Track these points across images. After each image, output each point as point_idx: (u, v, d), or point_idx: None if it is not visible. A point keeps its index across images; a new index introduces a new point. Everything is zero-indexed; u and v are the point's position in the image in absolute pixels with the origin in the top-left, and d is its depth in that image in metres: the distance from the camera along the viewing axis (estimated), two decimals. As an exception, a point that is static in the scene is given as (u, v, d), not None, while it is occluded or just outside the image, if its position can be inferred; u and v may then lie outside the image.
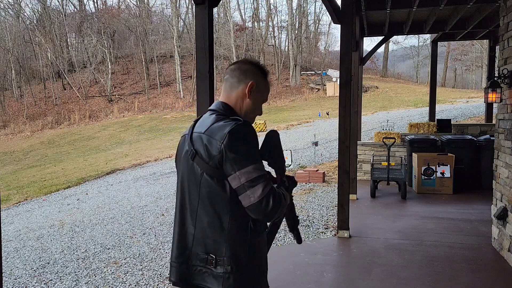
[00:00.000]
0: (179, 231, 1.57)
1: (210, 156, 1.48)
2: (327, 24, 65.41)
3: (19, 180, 15.59)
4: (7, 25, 39.38)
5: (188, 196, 1.57)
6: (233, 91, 1.65)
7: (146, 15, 42.20)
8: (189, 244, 1.54)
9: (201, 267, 1.51)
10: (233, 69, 1.66)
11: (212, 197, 1.50)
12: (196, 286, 1.53)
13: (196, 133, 1.57)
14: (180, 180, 1.63)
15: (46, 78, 38.92)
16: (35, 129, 31.45)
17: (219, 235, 1.49)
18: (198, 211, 1.52)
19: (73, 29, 43.48)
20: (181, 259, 1.55)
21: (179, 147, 1.71)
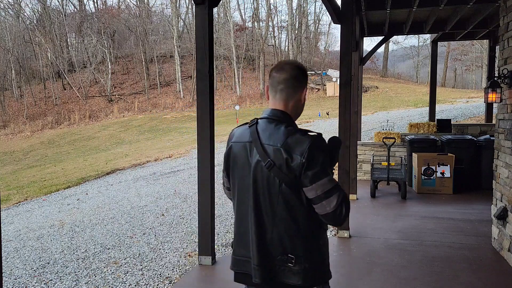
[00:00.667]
0: (258, 236, 1.69)
1: (290, 169, 1.60)
2: (327, 24, 65.45)
3: (19, 180, 15.59)
4: (7, 25, 39.38)
5: (264, 203, 1.68)
6: (290, 100, 1.75)
7: (146, 15, 42.19)
8: (269, 247, 1.68)
9: (281, 266, 1.66)
10: (286, 78, 1.72)
11: (289, 205, 1.64)
12: (278, 283, 1.68)
13: (269, 145, 1.64)
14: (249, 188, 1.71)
15: (46, 78, 38.93)
16: (35, 129, 31.45)
17: (296, 238, 1.65)
18: (276, 217, 1.66)
19: (73, 29, 43.48)
20: (263, 261, 1.68)
21: (236, 153, 1.78)
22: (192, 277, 4.05)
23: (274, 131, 1.67)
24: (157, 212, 6.97)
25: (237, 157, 1.78)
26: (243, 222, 1.77)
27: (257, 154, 1.67)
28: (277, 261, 1.67)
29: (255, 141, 1.68)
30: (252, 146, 1.70)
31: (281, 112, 1.73)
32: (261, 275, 1.69)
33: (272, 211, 1.67)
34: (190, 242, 5.23)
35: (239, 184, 1.78)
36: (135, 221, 6.52)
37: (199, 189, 4.20)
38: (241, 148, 1.75)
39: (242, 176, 1.76)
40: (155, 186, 9.71)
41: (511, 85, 4.14)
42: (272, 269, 1.68)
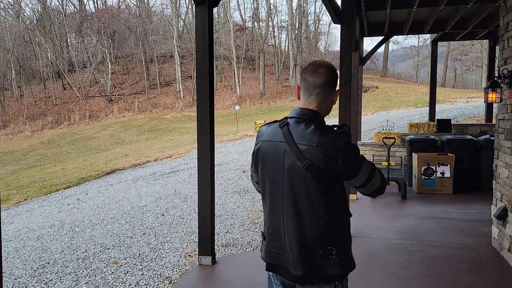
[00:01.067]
0: (298, 232, 1.76)
1: (329, 167, 1.68)
2: (327, 24, 65.43)
3: (19, 180, 15.59)
4: (7, 25, 39.38)
5: (302, 201, 1.75)
6: (324, 102, 1.82)
7: (146, 15, 42.20)
8: (309, 242, 1.75)
9: (323, 259, 1.74)
10: (323, 83, 1.79)
11: (327, 202, 1.73)
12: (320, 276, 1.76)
13: (303, 145, 1.71)
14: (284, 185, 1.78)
15: (46, 78, 38.93)
16: (35, 129, 31.45)
17: (334, 231, 1.75)
18: (316, 214, 1.73)
19: (73, 29, 43.48)
20: (305, 255, 1.75)
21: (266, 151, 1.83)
22: (192, 277, 4.05)
23: (305, 131, 1.73)
24: (157, 212, 6.97)
25: (268, 155, 1.83)
26: (276, 217, 1.83)
27: (293, 155, 1.72)
28: (319, 255, 1.74)
29: (289, 142, 1.74)
30: (286, 146, 1.75)
31: (312, 112, 1.79)
32: (302, 268, 1.75)
33: (311, 208, 1.74)
34: (190, 242, 5.24)
35: (271, 182, 1.83)
36: (135, 221, 6.52)
37: (199, 189, 4.20)
38: (273, 147, 1.81)
39: (275, 175, 1.81)
40: (155, 186, 9.71)
41: (511, 85, 4.14)
42: (313, 263, 1.75)
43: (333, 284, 1.79)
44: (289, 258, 1.78)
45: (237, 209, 6.74)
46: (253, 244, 5.01)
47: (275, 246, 1.84)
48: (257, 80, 38.11)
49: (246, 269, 4.13)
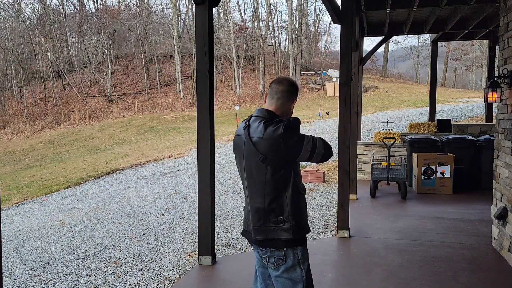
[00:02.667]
0: (254, 208, 2.19)
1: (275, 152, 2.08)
2: (327, 24, 65.47)
3: (19, 180, 15.59)
4: (7, 25, 39.37)
5: (255, 183, 2.18)
6: (282, 107, 2.25)
7: (146, 15, 42.19)
8: (263, 211, 2.16)
9: (274, 226, 2.15)
10: (284, 90, 2.24)
11: (275, 182, 2.12)
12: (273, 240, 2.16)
13: (256, 137, 2.13)
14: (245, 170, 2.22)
15: (46, 78, 38.93)
16: (35, 129, 31.45)
17: (283, 203, 2.14)
18: (267, 193, 2.14)
19: (73, 29, 43.47)
20: (260, 225, 2.17)
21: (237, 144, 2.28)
22: (192, 277, 4.05)
23: (258, 126, 2.14)
24: (157, 212, 6.97)
25: (236, 147, 2.29)
26: (245, 195, 2.30)
27: (248, 146, 2.16)
28: (272, 224, 2.15)
29: (246, 136, 2.17)
30: (245, 139, 2.18)
31: (268, 112, 2.21)
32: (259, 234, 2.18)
33: (262, 188, 2.15)
34: (190, 242, 5.23)
35: (240, 167, 2.30)
36: (135, 221, 6.52)
37: (199, 189, 4.20)
38: (239, 140, 2.26)
39: (240, 162, 2.27)
40: (155, 186, 9.71)
41: (511, 85, 4.14)
42: (267, 230, 2.16)
43: (283, 250, 2.16)
44: (251, 226, 2.22)
45: (237, 209, 6.74)
46: (253, 244, 5.02)
47: (245, 216, 2.32)
48: (257, 80, 38.10)
49: (246, 269, 4.13)
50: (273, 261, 2.18)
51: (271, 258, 2.18)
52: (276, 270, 2.19)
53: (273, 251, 2.17)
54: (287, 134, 2.06)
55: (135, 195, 8.87)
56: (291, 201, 2.16)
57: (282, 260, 2.17)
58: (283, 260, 2.16)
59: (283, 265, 2.17)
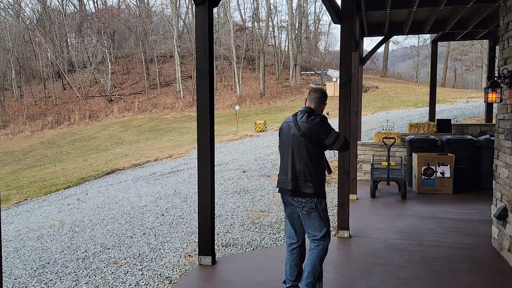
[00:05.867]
0: (292, 167, 3.24)
1: (311, 133, 3.19)
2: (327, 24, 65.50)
3: (19, 180, 15.59)
4: (7, 25, 39.37)
5: (296, 151, 3.24)
6: (317, 108, 3.37)
7: (146, 15, 42.19)
8: (297, 172, 3.23)
9: (303, 182, 3.21)
10: (318, 97, 3.38)
11: (309, 153, 3.21)
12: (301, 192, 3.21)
13: (301, 122, 3.24)
14: (289, 145, 3.28)
15: (46, 78, 38.92)
16: (35, 129, 31.45)
17: (311, 168, 3.21)
18: (301, 158, 3.22)
19: (73, 29, 43.48)
20: (294, 179, 3.23)
21: (284, 128, 3.37)
22: (192, 277, 4.05)
23: (303, 116, 3.28)
24: (157, 212, 6.97)
25: (284, 129, 3.37)
26: (283, 161, 3.34)
27: (294, 127, 3.26)
28: (301, 181, 3.22)
29: (294, 121, 3.29)
30: (292, 124, 3.29)
31: (310, 108, 3.34)
32: (292, 186, 3.24)
33: (300, 156, 3.23)
34: (190, 242, 5.23)
35: (284, 143, 3.35)
36: (135, 221, 6.52)
37: (199, 189, 4.20)
38: (286, 124, 3.37)
39: (286, 139, 3.33)
40: (155, 186, 9.71)
41: (511, 85, 4.14)
42: (298, 185, 3.22)
43: (304, 201, 3.22)
44: (287, 182, 3.28)
45: (237, 209, 6.74)
46: (253, 244, 5.01)
47: (283, 178, 3.33)
48: (257, 80, 38.10)
49: (246, 269, 4.13)
50: (305, 209, 3.21)
51: (304, 206, 3.21)
52: (307, 215, 3.23)
53: (306, 201, 3.19)
54: (321, 122, 3.19)
55: (135, 195, 8.87)
56: (316, 169, 3.21)
57: (312, 209, 3.21)
58: (313, 208, 3.21)
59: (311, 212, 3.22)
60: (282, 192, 3.34)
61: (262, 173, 9.95)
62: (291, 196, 3.24)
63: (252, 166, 10.87)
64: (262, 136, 18.32)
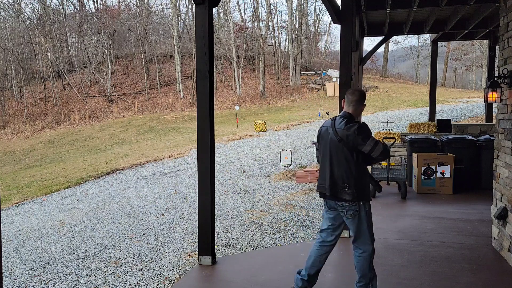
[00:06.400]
0: (330, 172, 3.26)
1: (349, 140, 3.17)
2: (327, 24, 65.47)
3: (19, 180, 15.59)
4: (7, 25, 39.36)
5: (334, 157, 3.25)
6: (356, 111, 3.34)
7: (146, 15, 42.19)
8: (335, 178, 3.24)
9: (341, 188, 3.22)
10: (356, 100, 3.31)
11: (347, 159, 3.20)
12: (339, 198, 3.23)
13: (339, 129, 3.22)
14: (328, 150, 3.29)
15: (46, 78, 38.92)
16: (35, 129, 31.45)
17: (350, 174, 3.20)
18: (339, 164, 3.23)
19: (73, 29, 43.47)
20: (332, 184, 3.25)
21: (323, 133, 3.39)
22: (192, 277, 4.05)
23: (341, 122, 3.25)
24: (157, 212, 6.97)
25: (323, 135, 3.39)
26: (323, 167, 3.37)
27: (333, 133, 3.25)
28: (339, 187, 3.22)
29: (333, 127, 3.28)
30: (330, 130, 3.29)
31: (348, 113, 3.32)
32: (331, 191, 3.26)
33: (338, 161, 3.24)
34: (190, 242, 5.24)
35: (323, 147, 3.38)
36: (135, 221, 6.52)
37: (199, 189, 4.20)
38: (326, 130, 3.37)
39: (325, 144, 3.35)
40: (155, 186, 9.71)
41: (511, 85, 4.14)
42: (337, 190, 3.24)
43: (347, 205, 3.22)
44: (326, 187, 3.31)
45: (237, 209, 6.74)
46: (253, 244, 5.01)
47: (322, 183, 3.37)
48: (257, 80, 38.10)
49: (246, 269, 4.13)
50: (349, 213, 3.24)
51: (347, 210, 3.24)
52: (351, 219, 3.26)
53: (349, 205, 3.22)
54: (359, 130, 3.16)
55: (135, 195, 8.87)
56: (355, 175, 3.21)
57: (356, 212, 3.24)
58: (357, 211, 3.24)
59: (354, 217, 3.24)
60: (321, 196, 3.40)
61: (262, 173, 9.95)
62: (334, 201, 3.28)
63: (252, 166, 10.87)
64: (262, 136, 18.32)
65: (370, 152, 3.14)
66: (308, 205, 6.78)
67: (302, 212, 6.31)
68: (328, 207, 3.37)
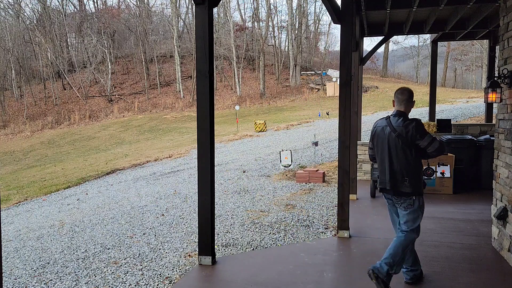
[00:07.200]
0: (390, 167, 3.53)
1: (407, 136, 3.42)
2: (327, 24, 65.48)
3: (19, 180, 15.59)
4: (7, 25, 39.36)
5: (393, 154, 3.51)
6: (406, 108, 3.59)
7: (146, 15, 42.18)
8: (395, 173, 3.51)
9: (401, 182, 3.48)
10: (406, 98, 3.58)
11: (405, 154, 3.46)
12: (399, 191, 3.50)
13: (396, 126, 3.49)
14: (387, 147, 3.54)
15: (46, 78, 38.92)
16: (35, 129, 31.45)
17: (408, 169, 3.47)
18: (398, 159, 3.49)
19: (73, 29, 43.46)
20: (392, 179, 3.51)
21: (379, 132, 3.63)
22: (192, 277, 4.05)
23: (397, 120, 3.52)
24: (157, 212, 6.97)
25: (379, 133, 3.63)
26: (382, 163, 3.63)
27: (391, 131, 3.50)
28: (399, 181, 3.49)
29: (390, 125, 3.54)
30: (387, 128, 3.55)
31: (402, 112, 3.58)
32: (391, 187, 3.52)
33: (397, 157, 3.49)
34: (190, 242, 5.24)
35: (380, 145, 3.62)
36: (135, 221, 6.52)
37: (199, 189, 4.20)
38: (381, 129, 3.62)
39: (382, 142, 3.59)
40: (155, 186, 9.71)
41: (511, 85, 4.14)
42: (397, 184, 3.50)
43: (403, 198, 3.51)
44: (386, 182, 3.56)
45: (237, 209, 6.74)
46: (253, 244, 5.01)
47: (382, 178, 3.63)
48: (257, 80, 38.10)
49: (246, 269, 4.13)
50: (404, 205, 3.53)
51: (403, 203, 3.52)
52: (405, 211, 3.53)
53: (405, 199, 3.50)
54: (417, 127, 3.42)
55: (135, 195, 8.87)
56: (413, 169, 3.46)
57: (411, 205, 3.50)
58: (412, 205, 3.50)
59: (410, 209, 3.51)
60: (383, 191, 3.65)
61: (262, 173, 9.95)
62: (393, 195, 3.55)
63: (252, 166, 10.87)
64: (262, 136, 18.32)
65: (427, 148, 3.39)
66: (308, 205, 6.78)
67: (302, 212, 6.31)
68: (387, 200, 3.70)
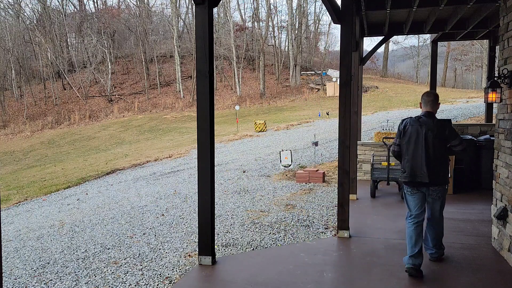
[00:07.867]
0: (427, 162, 3.88)
1: (442, 134, 3.88)
2: (327, 24, 65.47)
3: (19, 180, 15.59)
4: (7, 25, 39.36)
5: (431, 150, 3.89)
6: (432, 108, 3.99)
7: (146, 15, 42.18)
8: (432, 166, 3.89)
9: (437, 174, 3.90)
10: (432, 100, 3.99)
11: (440, 150, 3.90)
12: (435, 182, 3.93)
13: (433, 125, 3.89)
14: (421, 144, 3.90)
15: (46, 78, 38.92)
16: (35, 129, 31.45)
17: (443, 162, 3.95)
18: (435, 155, 3.89)
19: (73, 29, 43.47)
20: (430, 172, 3.87)
21: (412, 131, 3.96)
22: (192, 277, 4.05)
23: (429, 119, 3.93)
24: (157, 212, 6.97)
25: (410, 132, 3.97)
26: (415, 159, 3.94)
27: (427, 129, 3.89)
28: (436, 173, 3.89)
29: (424, 124, 3.91)
30: (423, 126, 3.91)
31: (431, 112, 3.99)
32: (430, 179, 3.89)
33: (434, 152, 3.89)
34: (190, 242, 5.24)
35: (414, 142, 3.95)
36: (135, 221, 6.52)
37: (199, 189, 4.20)
38: (415, 127, 3.95)
39: (416, 139, 3.93)
40: (155, 186, 9.71)
41: (511, 85, 4.14)
42: (434, 176, 3.90)
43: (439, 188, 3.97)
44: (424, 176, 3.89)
45: (237, 209, 6.74)
46: (253, 244, 5.01)
47: (417, 173, 3.93)
48: (257, 80, 38.10)
49: (246, 269, 4.13)
50: (439, 194, 3.99)
51: (438, 192, 3.97)
52: (439, 199, 4.02)
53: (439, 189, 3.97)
54: (450, 126, 3.90)
55: (135, 195, 8.87)
56: (445, 162, 3.95)
57: (443, 193, 4.01)
58: (443, 193, 4.01)
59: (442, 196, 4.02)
60: (418, 185, 3.94)
61: (262, 173, 9.95)
62: (428, 187, 3.93)
63: (252, 166, 10.87)
64: (262, 136, 18.32)
65: (456, 146, 3.89)
66: (308, 205, 6.77)
67: (302, 212, 6.31)
68: (418, 192, 3.98)
